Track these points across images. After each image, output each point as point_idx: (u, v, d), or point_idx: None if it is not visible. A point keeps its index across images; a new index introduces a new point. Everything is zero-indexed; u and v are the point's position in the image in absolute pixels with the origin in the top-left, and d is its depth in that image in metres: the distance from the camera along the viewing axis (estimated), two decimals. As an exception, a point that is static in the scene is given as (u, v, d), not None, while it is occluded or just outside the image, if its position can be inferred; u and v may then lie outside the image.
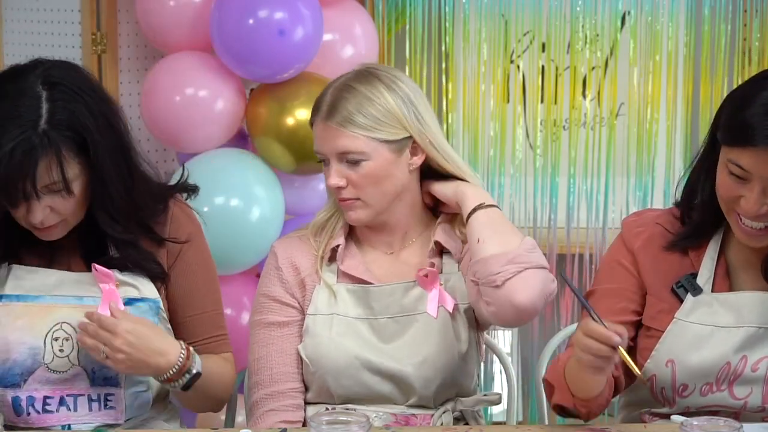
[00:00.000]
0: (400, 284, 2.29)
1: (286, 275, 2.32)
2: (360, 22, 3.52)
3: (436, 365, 2.25)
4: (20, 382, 2.20)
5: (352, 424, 1.86)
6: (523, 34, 3.90)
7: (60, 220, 2.17)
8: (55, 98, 2.11)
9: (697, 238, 2.21)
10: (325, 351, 2.25)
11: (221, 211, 3.23)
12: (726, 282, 2.20)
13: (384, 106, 2.23)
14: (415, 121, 2.26)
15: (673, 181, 3.89)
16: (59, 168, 2.10)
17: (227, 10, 3.25)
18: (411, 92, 2.27)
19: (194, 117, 3.31)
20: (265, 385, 2.29)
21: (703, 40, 3.85)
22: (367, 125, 2.21)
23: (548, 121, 3.90)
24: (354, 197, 2.25)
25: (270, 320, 2.31)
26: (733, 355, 2.15)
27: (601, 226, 3.91)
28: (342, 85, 2.26)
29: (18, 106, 2.10)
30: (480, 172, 3.89)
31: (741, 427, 1.87)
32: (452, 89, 3.89)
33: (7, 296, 2.22)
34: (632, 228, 2.27)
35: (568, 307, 3.91)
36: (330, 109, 2.23)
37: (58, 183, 2.11)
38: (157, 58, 3.53)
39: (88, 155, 2.14)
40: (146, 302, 2.25)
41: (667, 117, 3.89)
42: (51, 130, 2.09)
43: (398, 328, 2.27)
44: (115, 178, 2.18)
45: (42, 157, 2.08)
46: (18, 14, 3.60)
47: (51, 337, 2.20)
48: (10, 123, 2.08)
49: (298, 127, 3.30)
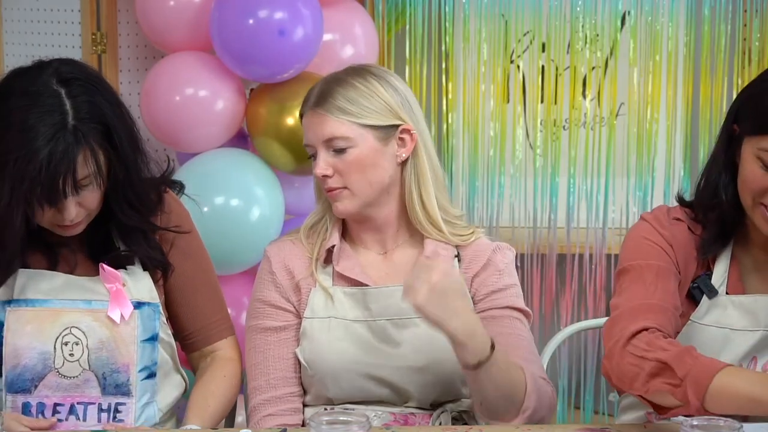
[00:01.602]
0: (399, 286, 2.25)
1: (280, 279, 2.31)
2: (360, 22, 3.52)
3: (435, 372, 2.24)
4: (31, 387, 2.20)
5: (352, 424, 1.85)
6: (523, 34, 3.89)
7: (86, 215, 2.19)
8: (74, 93, 2.14)
9: (723, 241, 2.19)
10: (323, 355, 2.25)
11: (221, 211, 3.23)
12: (740, 284, 2.19)
13: (373, 93, 2.25)
14: (404, 108, 2.27)
15: (673, 181, 3.89)
16: (93, 160, 2.13)
17: (227, 10, 3.25)
18: (402, 87, 2.30)
19: (194, 117, 3.31)
20: (262, 390, 2.28)
21: (703, 40, 3.85)
22: (353, 111, 2.24)
23: (548, 121, 3.90)
24: (341, 186, 2.26)
25: (266, 325, 2.30)
26: (745, 357, 2.14)
27: (601, 226, 3.90)
28: (332, 77, 2.30)
29: (41, 107, 2.11)
30: (480, 172, 3.89)
31: (741, 427, 1.86)
32: (452, 89, 3.88)
33: (16, 301, 2.21)
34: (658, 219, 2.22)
35: (568, 307, 3.91)
36: (318, 98, 2.27)
37: (91, 176, 2.13)
38: (157, 58, 3.53)
39: (111, 144, 2.16)
40: (149, 306, 2.27)
41: (667, 117, 3.89)
42: (80, 124, 2.12)
43: (396, 330, 2.26)
44: (133, 166, 2.21)
45: (79, 152, 2.10)
46: (18, 14, 3.60)
47: (61, 342, 2.20)
48: (39, 123, 2.09)
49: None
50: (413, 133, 2.28)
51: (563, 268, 3.90)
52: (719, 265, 2.19)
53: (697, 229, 2.21)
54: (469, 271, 2.31)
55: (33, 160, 2.07)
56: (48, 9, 3.55)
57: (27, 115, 2.10)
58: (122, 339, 2.22)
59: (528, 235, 3.89)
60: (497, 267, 2.31)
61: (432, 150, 2.33)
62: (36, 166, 2.07)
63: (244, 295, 3.39)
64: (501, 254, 2.33)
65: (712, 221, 2.19)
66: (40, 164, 2.07)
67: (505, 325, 2.27)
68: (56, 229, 2.20)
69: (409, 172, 2.29)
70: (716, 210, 2.18)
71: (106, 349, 2.21)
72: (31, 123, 2.09)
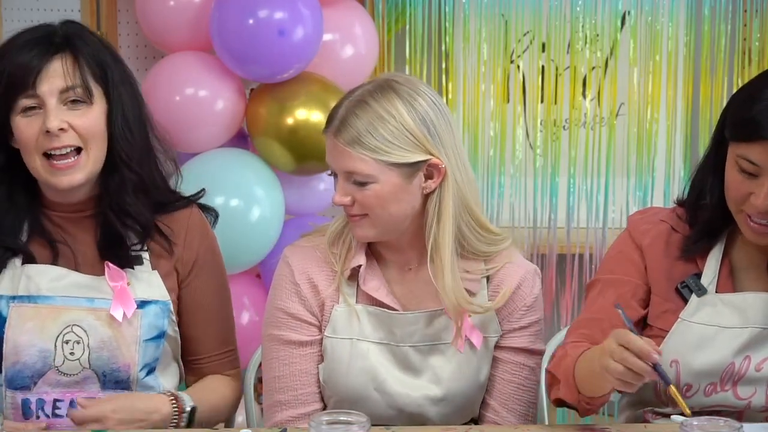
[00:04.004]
0: (424, 313, 2.22)
1: (305, 292, 2.22)
2: (360, 22, 3.52)
3: (456, 401, 2.21)
4: (30, 384, 2.19)
5: (352, 424, 1.85)
6: (523, 34, 3.90)
7: (79, 144, 2.16)
8: (71, 31, 2.22)
9: (708, 241, 2.20)
10: (342, 379, 2.20)
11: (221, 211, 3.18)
12: (730, 283, 2.20)
13: (398, 125, 2.11)
14: (432, 140, 2.13)
15: (673, 181, 3.89)
16: (78, 71, 2.16)
17: (227, 10, 3.25)
18: (431, 110, 2.14)
19: (194, 117, 3.31)
20: (291, 405, 2.22)
21: (703, 40, 3.85)
22: (376, 147, 2.10)
23: (548, 121, 3.90)
24: (361, 213, 2.16)
25: (291, 338, 2.22)
26: (737, 355, 2.15)
27: (601, 226, 3.90)
28: (357, 100, 2.14)
29: (34, 32, 2.22)
30: (480, 172, 3.89)
31: (741, 427, 1.87)
32: (452, 89, 3.88)
33: (19, 297, 2.20)
34: (639, 225, 2.26)
35: (568, 307, 3.91)
36: (340, 126, 2.13)
37: (76, 88, 2.15)
38: (157, 58, 3.54)
39: (107, 86, 2.19)
40: (157, 304, 2.25)
41: (667, 117, 3.89)
42: (71, 39, 2.19)
43: (420, 357, 2.21)
44: (133, 119, 2.22)
45: (59, 52, 2.16)
46: (18, 14, 3.60)
47: (62, 340, 2.19)
48: (28, 33, 2.20)
49: (298, 127, 3.30)
50: (442, 168, 2.15)
51: (563, 268, 3.90)
52: (710, 264, 2.20)
53: (685, 230, 2.22)
54: (495, 296, 2.23)
55: (10, 60, 2.15)
56: (48, 9, 3.56)
57: (21, 37, 2.19)
58: (124, 338, 2.21)
59: (528, 235, 3.89)
60: (524, 302, 2.26)
61: (465, 172, 2.19)
62: (12, 60, 2.14)
63: (245, 295, 3.39)
64: (528, 285, 2.26)
65: (699, 222, 2.21)
66: (14, 55, 2.15)
67: (513, 373, 2.26)
68: (52, 168, 2.16)
69: (433, 205, 2.17)
70: (703, 211, 2.20)
71: (108, 348, 2.20)
72: (21, 39, 2.18)
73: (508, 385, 2.25)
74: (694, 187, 2.23)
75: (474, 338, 2.21)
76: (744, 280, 2.21)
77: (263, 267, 3.44)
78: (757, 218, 2.08)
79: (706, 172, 2.20)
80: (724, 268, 2.20)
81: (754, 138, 2.03)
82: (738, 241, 2.20)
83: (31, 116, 2.16)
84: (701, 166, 2.22)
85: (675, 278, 2.21)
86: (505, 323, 2.25)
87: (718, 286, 2.19)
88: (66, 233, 2.25)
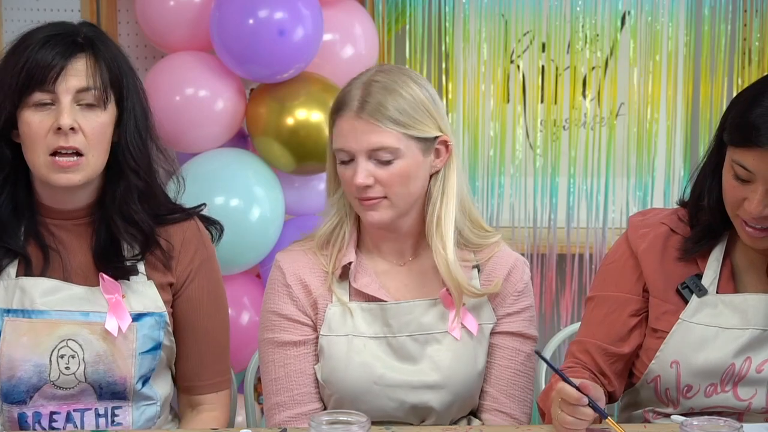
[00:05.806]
0: (419, 302, 2.24)
1: (296, 293, 2.24)
2: (360, 22, 3.52)
3: (456, 389, 2.23)
4: (26, 398, 2.18)
5: (352, 424, 1.85)
6: (523, 34, 3.90)
7: (82, 149, 2.15)
8: (92, 34, 2.23)
9: (709, 242, 2.20)
10: (341, 375, 2.21)
11: (221, 211, 3.21)
12: (731, 284, 2.20)
13: (414, 100, 2.17)
14: (443, 119, 2.22)
15: (673, 181, 3.89)
16: (98, 73, 2.16)
17: (227, 10, 3.25)
18: (433, 91, 2.23)
19: (194, 117, 3.31)
20: (288, 406, 2.23)
21: (703, 40, 3.85)
22: (402, 121, 2.15)
23: (548, 121, 3.90)
24: (381, 196, 2.17)
25: (284, 339, 2.24)
26: (738, 356, 2.15)
27: (601, 226, 3.90)
28: (369, 80, 2.19)
29: (55, 27, 2.23)
30: (480, 172, 3.89)
31: (741, 427, 1.87)
32: (452, 89, 3.88)
33: (14, 311, 2.18)
34: (638, 229, 2.27)
35: (568, 307, 3.91)
36: (362, 103, 2.16)
37: (93, 90, 2.15)
38: (157, 58, 3.53)
39: (120, 94, 2.20)
40: (152, 316, 2.23)
41: (667, 117, 3.89)
42: (93, 42, 2.19)
43: (417, 347, 2.22)
44: (143, 128, 2.23)
45: (81, 52, 2.17)
46: (18, 14, 3.60)
47: (57, 355, 2.17)
48: (49, 28, 2.20)
49: (298, 127, 3.30)
50: (449, 145, 2.22)
51: (563, 268, 3.90)
52: (711, 264, 2.20)
53: (685, 231, 2.22)
54: (488, 285, 2.27)
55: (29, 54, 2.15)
56: (48, 9, 3.56)
57: (43, 32, 2.19)
58: (120, 352, 2.19)
59: (528, 235, 3.89)
60: (515, 287, 2.29)
61: (460, 158, 2.28)
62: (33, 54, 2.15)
63: (245, 295, 3.39)
64: (518, 272, 2.30)
65: (700, 223, 2.21)
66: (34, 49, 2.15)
67: (510, 359, 2.28)
68: (56, 167, 2.15)
69: (438, 184, 2.23)
70: (704, 212, 2.20)
71: (104, 362, 2.19)
72: (42, 35, 2.18)
73: (505, 371, 2.27)
74: (695, 188, 2.23)
75: (470, 325, 2.23)
76: (745, 281, 2.21)
77: (263, 267, 3.44)
78: (752, 223, 2.08)
79: (705, 174, 2.20)
80: (726, 269, 2.20)
81: (749, 144, 2.03)
82: (739, 243, 2.20)
83: (43, 112, 2.15)
84: (701, 168, 2.22)
85: (674, 279, 2.21)
86: (499, 309, 2.28)
87: (719, 287, 2.19)
88: (59, 242, 2.23)
